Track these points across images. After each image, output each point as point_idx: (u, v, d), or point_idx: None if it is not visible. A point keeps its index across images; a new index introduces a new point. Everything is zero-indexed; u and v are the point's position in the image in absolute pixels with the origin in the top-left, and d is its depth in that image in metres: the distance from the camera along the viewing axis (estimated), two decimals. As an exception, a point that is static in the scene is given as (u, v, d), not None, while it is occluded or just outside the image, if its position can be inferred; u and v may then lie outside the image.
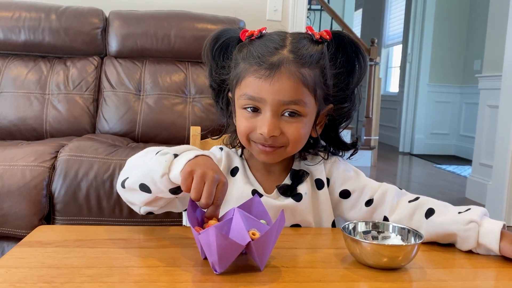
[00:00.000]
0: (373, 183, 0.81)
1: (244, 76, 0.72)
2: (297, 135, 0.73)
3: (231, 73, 0.77)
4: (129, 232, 0.68)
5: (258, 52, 0.71)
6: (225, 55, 0.79)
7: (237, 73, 0.74)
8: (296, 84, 0.70)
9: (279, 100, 0.70)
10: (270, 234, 0.55)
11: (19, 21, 2.00)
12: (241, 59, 0.74)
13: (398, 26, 6.27)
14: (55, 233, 0.67)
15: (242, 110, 0.74)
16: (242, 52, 0.75)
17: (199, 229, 0.57)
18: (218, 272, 0.54)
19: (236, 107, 0.76)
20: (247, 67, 0.72)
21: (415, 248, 0.58)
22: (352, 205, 0.80)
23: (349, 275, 0.57)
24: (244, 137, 0.75)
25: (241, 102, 0.73)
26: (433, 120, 5.62)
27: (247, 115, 0.73)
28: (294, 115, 0.72)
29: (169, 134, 1.97)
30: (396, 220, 0.74)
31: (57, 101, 1.97)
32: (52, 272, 0.52)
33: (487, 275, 0.62)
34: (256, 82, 0.70)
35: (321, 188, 0.80)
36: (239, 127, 0.75)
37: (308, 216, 0.78)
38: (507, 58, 2.72)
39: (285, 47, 0.72)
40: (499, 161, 2.77)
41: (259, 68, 0.70)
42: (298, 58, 0.71)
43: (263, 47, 0.72)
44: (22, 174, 1.45)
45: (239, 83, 0.73)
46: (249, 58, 0.72)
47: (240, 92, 0.73)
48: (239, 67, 0.74)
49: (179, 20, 2.09)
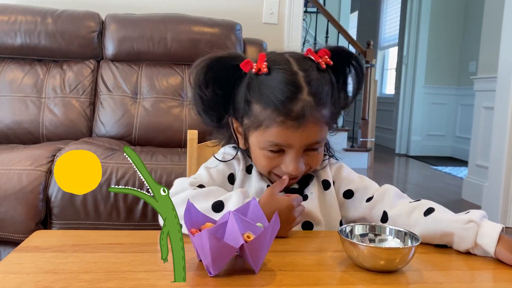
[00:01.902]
0: (375, 184, 0.84)
1: (268, 125, 0.72)
2: (318, 162, 0.79)
3: (238, 107, 0.77)
4: (127, 237, 0.68)
5: (277, 97, 0.71)
6: (219, 84, 0.77)
7: (254, 116, 0.74)
8: (321, 127, 0.74)
9: (306, 144, 0.74)
10: (264, 237, 0.55)
11: (15, 24, 2.00)
12: (254, 98, 0.74)
13: (394, 28, 6.30)
14: (52, 238, 0.67)
15: (264, 151, 0.75)
16: (254, 90, 0.74)
17: (194, 231, 0.57)
18: (213, 275, 0.54)
19: (254, 145, 0.77)
20: (270, 115, 0.72)
21: (412, 250, 0.58)
22: (355, 203, 0.83)
23: (346, 278, 0.57)
24: (266, 172, 0.78)
25: (264, 145, 0.75)
26: (429, 122, 5.65)
27: (270, 156, 0.75)
28: (317, 149, 0.76)
29: (166, 137, 1.97)
30: (395, 215, 0.75)
31: (54, 104, 1.97)
32: (49, 278, 0.52)
33: (483, 277, 0.62)
34: (284, 132, 0.72)
35: (327, 188, 0.83)
36: (259, 163, 0.78)
37: (318, 213, 0.80)
38: (502, 60, 2.74)
39: (303, 89, 0.71)
40: (495, 162, 2.78)
41: (286, 119, 0.71)
42: (318, 101, 0.72)
43: (279, 90, 0.71)
44: (19, 178, 1.44)
45: (261, 129, 0.74)
46: (267, 102, 0.72)
47: (262, 137, 0.74)
48: (255, 109, 0.74)
49: (175, 23, 2.09)
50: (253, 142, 0.77)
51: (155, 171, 1.51)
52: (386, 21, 6.70)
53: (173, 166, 1.54)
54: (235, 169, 0.82)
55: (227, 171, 0.82)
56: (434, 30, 5.51)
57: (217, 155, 0.85)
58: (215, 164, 0.82)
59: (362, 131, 4.34)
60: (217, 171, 0.81)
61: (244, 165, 0.82)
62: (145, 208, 1.48)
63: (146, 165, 1.62)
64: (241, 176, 0.82)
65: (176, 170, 1.52)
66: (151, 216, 1.48)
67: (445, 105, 5.61)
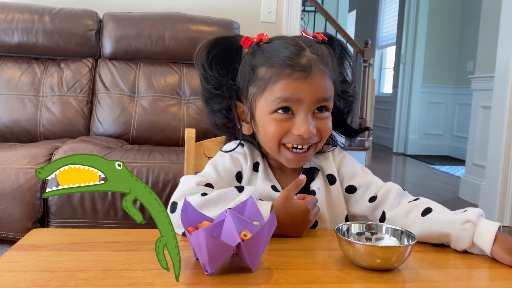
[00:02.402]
0: (379, 181, 0.83)
1: (276, 81, 0.73)
2: (328, 130, 0.77)
3: (242, 79, 0.78)
4: (124, 235, 0.68)
5: (283, 55, 0.73)
6: (221, 62, 0.79)
7: (260, 79, 0.75)
8: (328, 81, 0.75)
9: (317, 99, 0.73)
10: (261, 235, 0.55)
11: (13, 22, 1.99)
12: (259, 63, 0.75)
13: (392, 27, 6.30)
14: (49, 237, 0.67)
15: (273, 114, 0.74)
16: (258, 56, 0.76)
17: (191, 230, 0.57)
18: (209, 273, 0.54)
19: (261, 114, 0.76)
20: (277, 71, 0.73)
21: (408, 249, 0.58)
22: (357, 200, 0.82)
23: (343, 277, 0.57)
24: (276, 142, 0.75)
25: (273, 107, 0.74)
26: (426, 121, 5.66)
27: (280, 118, 0.74)
28: (323, 110, 0.76)
29: (164, 135, 1.97)
30: (393, 216, 0.76)
31: (51, 103, 1.96)
32: (46, 276, 0.52)
33: (480, 275, 0.62)
34: (294, 84, 0.72)
35: (333, 183, 0.82)
36: (269, 132, 0.75)
37: (323, 211, 0.79)
38: (500, 59, 2.74)
39: (306, 49, 0.74)
40: (492, 161, 2.79)
41: (294, 71, 0.72)
42: (321, 58, 0.74)
43: (284, 50, 0.74)
44: (16, 176, 1.44)
45: (268, 88, 0.74)
46: (273, 61, 0.73)
47: (270, 97, 0.73)
48: (260, 72, 0.75)
49: (173, 22, 2.09)
50: (261, 111, 0.75)
51: (153, 169, 1.51)
52: (384, 20, 6.70)
53: (171, 165, 1.53)
54: (242, 167, 0.81)
55: (235, 170, 0.80)
56: (432, 29, 5.52)
57: (224, 150, 0.83)
58: (223, 160, 0.81)
59: (360, 130, 4.33)
60: (225, 169, 0.79)
61: (251, 162, 0.81)
62: (142, 207, 1.47)
63: (143, 164, 1.61)
64: (248, 174, 0.80)
65: (173, 168, 1.52)
66: (149, 214, 1.48)
67: (442, 104, 5.62)
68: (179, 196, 0.72)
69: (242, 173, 0.80)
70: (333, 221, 0.81)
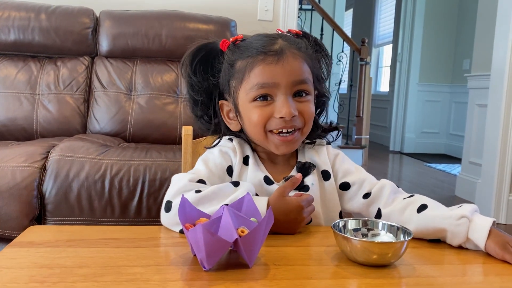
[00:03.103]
0: (372, 178, 0.84)
1: (251, 68, 0.76)
2: (310, 113, 0.79)
3: (223, 77, 0.82)
4: (122, 232, 0.69)
5: (257, 45, 0.77)
6: (205, 67, 0.83)
7: (238, 71, 0.78)
8: (302, 63, 0.78)
9: (293, 81, 0.76)
10: (258, 231, 0.56)
11: (9, 20, 1.99)
12: (237, 58, 0.79)
13: (388, 26, 6.31)
14: (47, 233, 0.67)
15: (253, 102, 0.77)
16: (235, 52, 0.80)
17: (189, 226, 0.57)
18: (207, 269, 0.55)
19: (243, 104, 0.79)
20: (251, 60, 0.76)
21: (404, 245, 0.59)
22: (351, 197, 0.83)
23: (339, 272, 0.58)
24: (262, 128, 0.77)
25: (252, 95, 0.76)
26: (423, 119, 5.68)
27: (260, 105, 0.76)
28: (302, 94, 0.78)
29: (161, 134, 1.97)
30: (388, 213, 0.76)
31: (48, 101, 1.96)
32: (44, 272, 0.52)
33: (475, 271, 0.63)
34: (267, 68, 0.75)
35: (327, 179, 0.83)
36: (253, 120, 0.77)
37: (317, 207, 0.80)
38: (496, 57, 2.75)
39: (278, 39, 0.78)
40: (488, 159, 2.81)
41: (266, 56, 0.75)
42: (294, 45, 0.78)
43: (258, 41, 0.78)
44: (13, 174, 1.44)
45: (245, 78, 0.77)
46: (248, 53, 0.77)
47: (248, 85, 0.77)
48: (238, 65, 0.79)
49: (170, 20, 2.09)
50: (242, 101, 0.79)
51: (150, 167, 1.51)
52: (380, 19, 6.71)
53: (168, 163, 1.54)
54: (232, 161, 0.82)
55: (225, 164, 0.81)
56: (428, 28, 5.53)
57: (215, 145, 0.85)
58: (212, 155, 0.82)
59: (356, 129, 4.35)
60: (215, 164, 0.80)
61: (241, 156, 0.82)
62: (139, 205, 1.48)
63: (140, 161, 1.62)
64: (238, 167, 0.81)
65: (171, 166, 1.52)
66: (146, 212, 1.48)
67: (439, 103, 5.64)
68: (173, 195, 0.72)
69: (232, 167, 0.81)
70: (326, 217, 0.82)
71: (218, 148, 0.83)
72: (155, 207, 1.48)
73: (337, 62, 4.66)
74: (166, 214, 0.70)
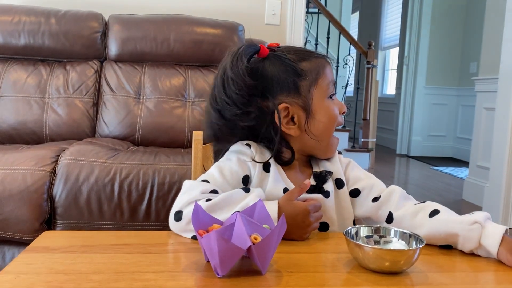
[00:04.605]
0: (382, 183, 0.84)
1: (324, 66, 0.82)
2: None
3: (283, 79, 0.79)
4: (135, 237, 0.69)
5: (306, 50, 0.84)
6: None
7: (309, 70, 0.80)
8: None
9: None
10: (271, 238, 0.56)
11: (19, 25, 2.01)
12: (300, 58, 0.81)
13: (395, 29, 6.30)
14: (60, 239, 0.68)
15: (329, 99, 0.82)
16: (289, 56, 0.81)
17: (202, 232, 0.58)
18: (220, 276, 0.55)
19: (319, 102, 0.81)
20: (319, 60, 0.82)
21: (416, 252, 0.59)
22: (361, 202, 0.83)
23: (351, 279, 0.58)
24: (336, 124, 0.83)
25: (329, 91, 0.82)
26: (430, 122, 5.65)
27: (331, 102, 0.82)
28: None
29: (169, 137, 1.97)
30: (400, 216, 0.76)
31: (57, 105, 1.97)
32: (60, 278, 0.53)
33: (487, 279, 0.63)
34: (330, 69, 0.83)
35: (341, 187, 0.83)
36: (332, 114, 0.82)
37: (332, 214, 0.80)
38: (504, 61, 2.74)
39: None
40: (496, 163, 2.79)
41: (324, 56, 0.83)
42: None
43: (299, 47, 0.85)
44: (23, 178, 1.45)
45: (320, 75, 0.81)
46: (310, 54, 0.82)
47: (324, 82, 0.81)
48: (305, 65, 0.80)
49: (178, 24, 2.10)
50: (318, 99, 0.80)
51: (159, 171, 1.52)
52: (387, 22, 6.70)
53: (177, 167, 1.54)
54: (251, 171, 0.78)
55: (242, 174, 0.78)
56: (435, 30, 5.51)
57: (231, 151, 0.81)
58: (230, 162, 0.79)
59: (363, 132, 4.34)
60: (231, 173, 0.77)
61: (261, 162, 0.79)
62: (148, 208, 1.48)
63: (149, 165, 1.63)
64: (259, 175, 0.78)
65: (179, 170, 1.53)
66: (155, 216, 1.49)
67: (446, 106, 5.62)
68: (183, 205, 0.70)
69: (250, 177, 0.79)
70: (341, 224, 0.82)
71: (236, 155, 0.79)
72: (164, 211, 1.48)
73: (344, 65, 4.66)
74: (177, 223, 0.70)
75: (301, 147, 0.82)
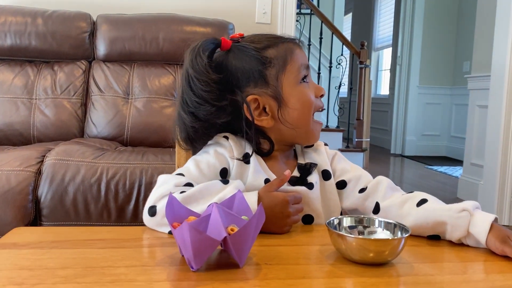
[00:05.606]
0: (369, 175, 0.82)
1: (292, 51, 0.77)
2: None
3: (248, 70, 0.76)
4: (108, 233, 0.66)
5: (274, 35, 0.80)
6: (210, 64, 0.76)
7: (276, 57, 0.76)
8: None
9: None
10: (248, 229, 0.53)
11: (5, 25, 1.98)
12: (264, 46, 0.77)
13: (388, 29, 6.31)
14: (31, 235, 0.65)
15: (302, 84, 0.78)
16: (254, 44, 0.78)
17: (177, 225, 0.55)
18: (194, 269, 0.52)
19: (290, 89, 0.76)
20: (285, 45, 0.77)
21: (401, 242, 0.56)
22: (348, 194, 0.81)
23: (334, 271, 0.55)
24: (314, 108, 0.79)
25: (301, 75, 0.77)
26: (424, 122, 5.65)
27: (306, 86, 0.78)
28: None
29: (158, 137, 1.94)
30: (387, 206, 0.74)
31: (45, 105, 1.94)
32: (23, 274, 0.50)
33: (475, 269, 0.61)
34: (301, 51, 0.79)
35: (328, 179, 0.81)
36: (306, 100, 0.77)
37: (318, 206, 0.78)
38: (495, 58, 2.74)
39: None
40: (490, 160, 2.78)
41: (293, 40, 0.79)
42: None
43: (266, 34, 0.80)
44: (7, 179, 1.42)
45: (288, 61, 0.77)
46: (275, 40, 0.78)
47: (294, 67, 0.77)
48: (271, 53, 0.76)
49: (167, 23, 2.08)
50: (289, 85, 0.76)
51: (146, 170, 1.49)
52: (380, 23, 6.71)
53: (164, 166, 1.51)
54: (229, 164, 0.76)
55: (219, 166, 0.75)
56: (427, 30, 5.52)
57: (209, 144, 0.79)
58: (207, 155, 0.76)
59: (357, 132, 4.32)
60: (208, 166, 0.74)
61: (239, 154, 0.76)
62: (136, 208, 1.45)
63: (136, 165, 1.59)
64: (238, 167, 0.75)
65: (167, 169, 1.50)
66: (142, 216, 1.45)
67: (439, 105, 5.62)
68: (156, 199, 0.68)
69: (228, 169, 0.76)
70: (328, 217, 0.79)
71: (214, 148, 0.77)
72: (151, 211, 1.45)
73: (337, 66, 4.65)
74: (152, 218, 0.67)
75: (279, 136, 0.79)
